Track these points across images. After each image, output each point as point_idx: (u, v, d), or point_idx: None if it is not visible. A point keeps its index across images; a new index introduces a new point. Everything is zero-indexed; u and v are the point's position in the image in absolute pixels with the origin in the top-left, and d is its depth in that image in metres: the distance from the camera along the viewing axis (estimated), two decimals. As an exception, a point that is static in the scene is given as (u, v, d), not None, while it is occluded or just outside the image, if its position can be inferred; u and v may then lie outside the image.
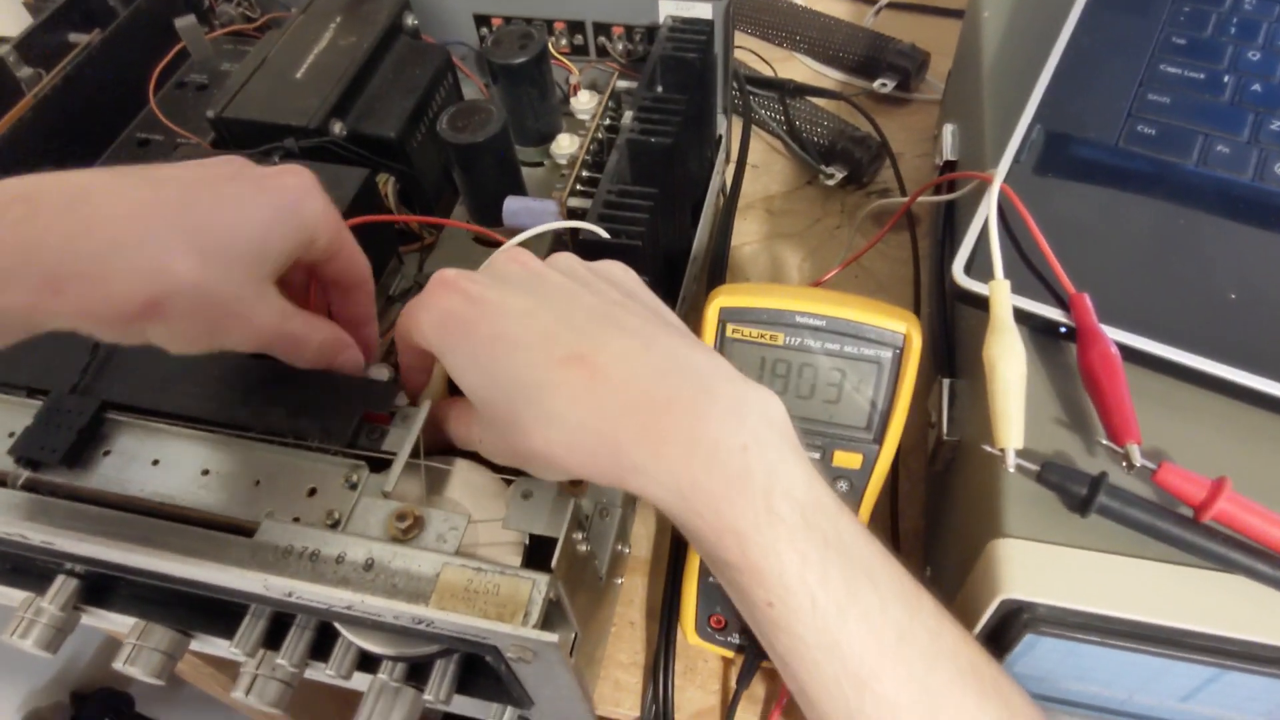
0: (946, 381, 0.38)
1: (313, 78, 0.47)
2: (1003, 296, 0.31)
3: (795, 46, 0.69)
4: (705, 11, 0.49)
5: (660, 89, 0.47)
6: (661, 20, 0.50)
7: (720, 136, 0.55)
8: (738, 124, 0.61)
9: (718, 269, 0.53)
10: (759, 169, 0.62)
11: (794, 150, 0.61)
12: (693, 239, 0.50)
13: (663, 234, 0.46)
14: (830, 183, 0.59)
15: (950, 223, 0.45)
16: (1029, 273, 0.33)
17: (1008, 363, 0.29)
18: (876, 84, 0.63)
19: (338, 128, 0.46)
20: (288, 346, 0.31)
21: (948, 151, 0.48)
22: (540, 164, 0.55)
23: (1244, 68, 0.37)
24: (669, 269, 0.47)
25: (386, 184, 0.49)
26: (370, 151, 0.47)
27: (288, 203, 0.29)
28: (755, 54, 0.66)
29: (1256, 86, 0.36)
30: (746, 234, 0.58)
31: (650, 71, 0.46)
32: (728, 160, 0.58)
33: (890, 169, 0.60)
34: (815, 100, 0.63)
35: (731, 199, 0.57)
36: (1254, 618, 0.26)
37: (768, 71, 0.66)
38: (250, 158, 0.44)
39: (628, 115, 0.43)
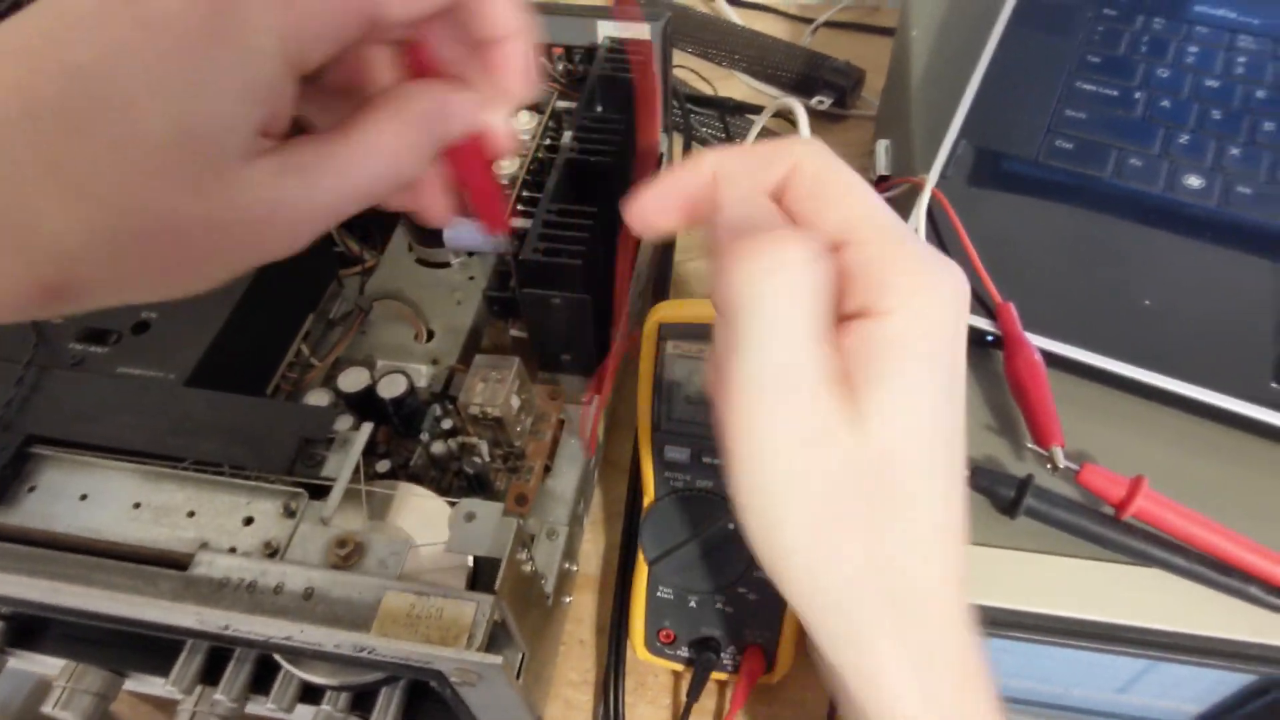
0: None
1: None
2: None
3: (734, 65, 0.70)
4: (643, 32, 0.50)
5: (600, 108, 0.47)
6: (600, 41, 0.51)
7: (662, 155, 0.56)
8: (679, 141, 0.62)
9: (662, 285, 0.53)
10: (701, 185, 0.63)
11: (735, 166, 0.62)
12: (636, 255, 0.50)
13: (604, 252, 0.46)
14: (771, 198, 0.60)
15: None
16: (957, 283, 0.34)
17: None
18: (814, 101, 0.65)
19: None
20: (360, 195, 0.19)
21: (881, 167, 0.49)
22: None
23: (1154, 85, 0.39)
24: (612, 287, 0.47)
25: (325, 206, 0.49)
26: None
27: (251, 42, 0.16)
28: (695, 73, 0.67)
29: (1165, 102, 0.38)
30: (692, 249, 0.59)
31: (589, 92, 0.46)
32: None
33: (829, 183, 0.61)
34: (753, 117, 0.64)
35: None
36: (1174, 609, 0.27)
37: (707, 90, 0.67)
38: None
39: (567, 135, 0.43)
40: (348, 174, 0.18)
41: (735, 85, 0.70)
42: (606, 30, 0.51)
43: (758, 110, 0.64)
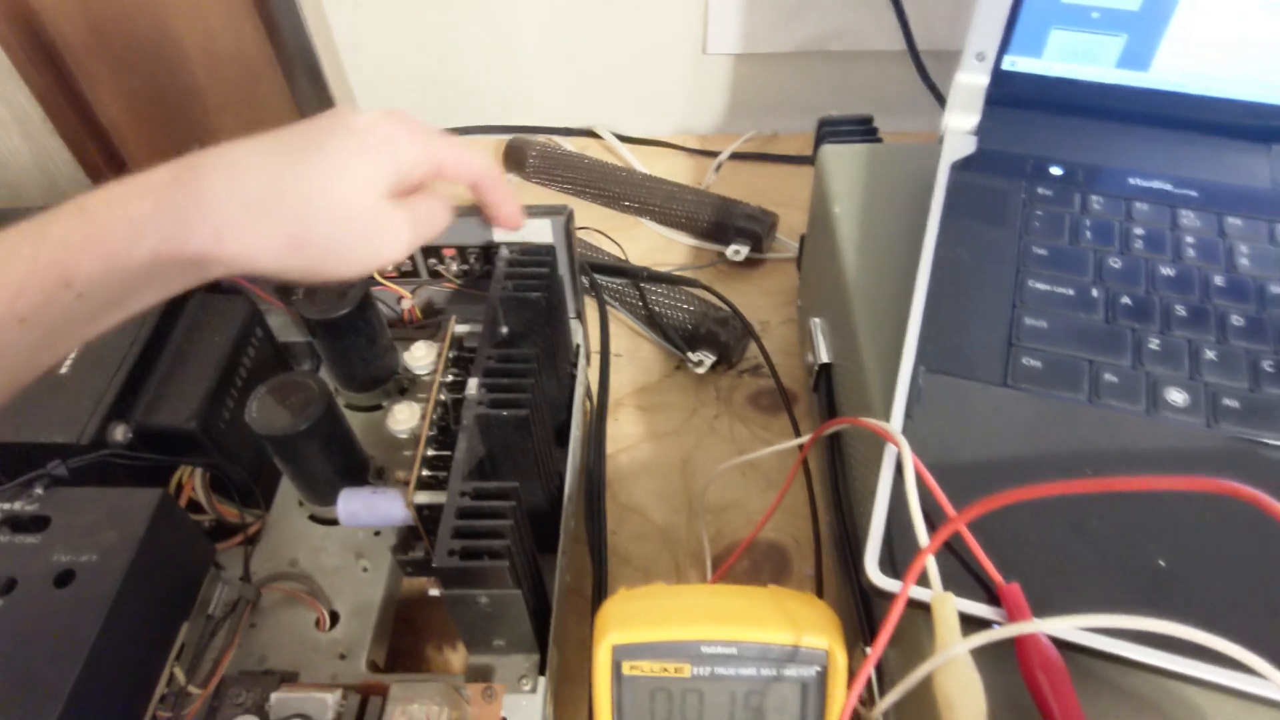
0: (868, 650, 0.34)
1: (82, 372, 0.39)
2: (949, 615, 0.27)
3: (642, 213, 0.66)
4: (544, 231, 0.45)
5: (505, 330, 0.41)
6: (496, 238, 0.46)
7: (578, 345, 0.50)
8: (593, 312, 0.57)
9: (594, 502, 0.47)
10: (623, 357, 0.58)
11: (656, 339, 0.58)
12: (564, 477, 0.44)
13: (533, 509, 0.40)
14: (700, 370, 0.55)
15: (838, 449, 0.41)
16: (944, 555, 0.29)
17: (966, 703, 0.25)
18: (730, 251, 0.61)
19: (120, 432, 0.38)
20: (431, 226, 0.37)
21: (821, 353, 0.45)
22: (378, 406, 0.48)
23: (1109, 277, 0.36)
24: (542, 533, 0.41)
25: (193, 476, 0.41)
26: (167, 450, 0.39)
27: (383, 150, 0.34)
28: (601, 233, 0.63)
29: (1126, 299, 0.35)
30: (621, 438, 0.54)
31: (490, 319, 0.40)
32: (588, 361, 0.54)
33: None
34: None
35: (600, 408, 0.52)
36: None
37: (614, 249, 0.62)
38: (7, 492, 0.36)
39: (472, 383, 0.38)
40: (419, 210, 0.36)
41: (644, 234, 0.66)
42: (503, 231, 0.46)
43: (673, 280, 0.59)
